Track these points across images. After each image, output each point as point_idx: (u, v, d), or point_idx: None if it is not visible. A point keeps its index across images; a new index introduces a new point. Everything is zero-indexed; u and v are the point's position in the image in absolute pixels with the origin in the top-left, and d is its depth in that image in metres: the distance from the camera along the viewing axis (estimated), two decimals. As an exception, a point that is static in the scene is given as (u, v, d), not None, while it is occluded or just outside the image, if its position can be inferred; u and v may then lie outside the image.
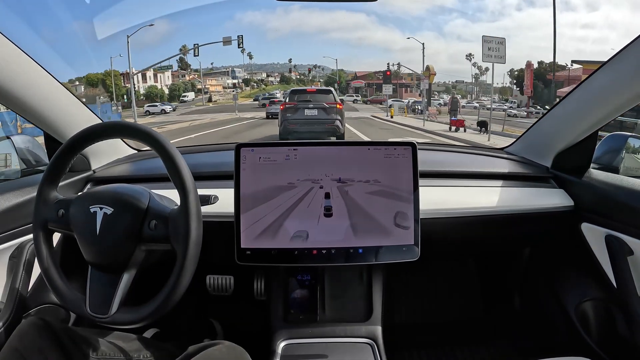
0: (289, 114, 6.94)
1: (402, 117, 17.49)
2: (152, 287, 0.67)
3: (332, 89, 8.34)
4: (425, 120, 14.36)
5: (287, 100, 7.28)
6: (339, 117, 6.86)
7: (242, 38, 20.95)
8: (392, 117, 17.05)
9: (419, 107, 20.58)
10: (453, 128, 11.41)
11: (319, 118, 6.81)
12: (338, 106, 6.99)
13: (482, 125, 11.09)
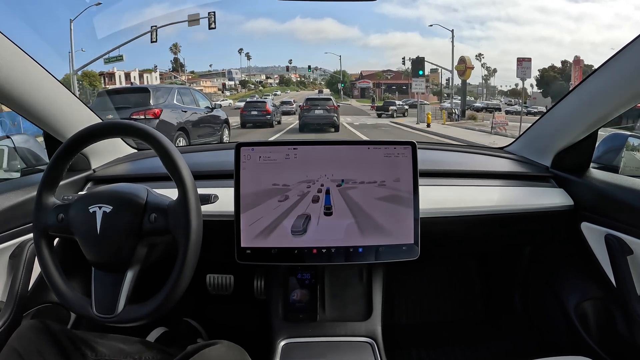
0: (305, 112, 11.21)
1: (439, 125, 12.81)
2: (155, 285, 0.67)
3: (331, 97, 13.11)
4: (492, 133, 10.01)
5: (304, 105, 11.57)
6: (336, 114, 11.29)
7: (214, 16, 15.27)
8: (429, 125, 12.30)
9: (457, 112, 16.25)
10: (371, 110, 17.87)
11: (323, 115, 11.04)
12: (335, 107, 11.50)
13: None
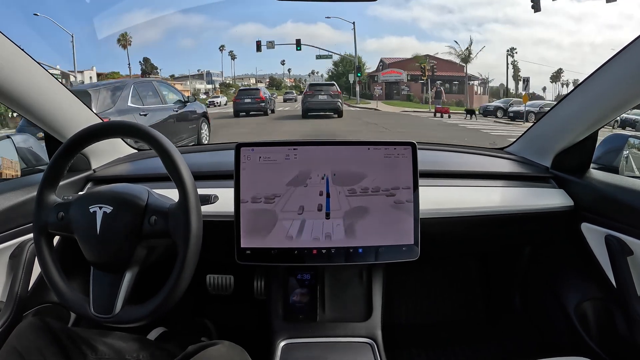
0: (309, 98, 11.24)
1: None
2: (154, 286, 0.67)
3: (334, 82, 12.73)
4: None
5: (307, 91, 11.71)
6: (340, 100, 11.28)
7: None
8: None
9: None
10: (438, 114, 13.13)
11: (327, 101, 11.05)
12: (338, 92, 11.43)
13: (470, 113, 12.72)
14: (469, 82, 22.27)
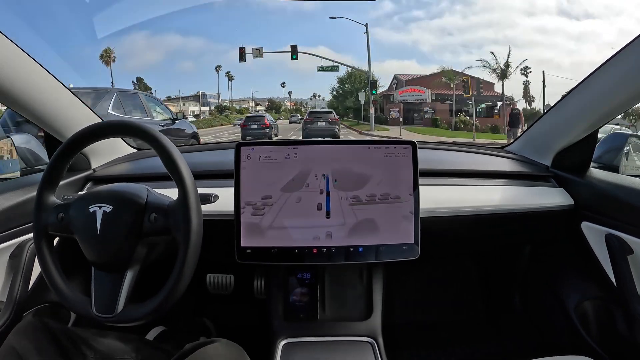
0: (309, 124, 12.24)
1: None
2: (155, 285, 0.67)
3: (332, 110, 13.92)
4: None
5: (307, 117, 12.86)
6: (337, 126, 12.35)
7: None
8: None
9: None
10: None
11: (325, 127, 12.00)
12: (336, 120, 12.68)
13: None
14: (500, 102, 17.40)
